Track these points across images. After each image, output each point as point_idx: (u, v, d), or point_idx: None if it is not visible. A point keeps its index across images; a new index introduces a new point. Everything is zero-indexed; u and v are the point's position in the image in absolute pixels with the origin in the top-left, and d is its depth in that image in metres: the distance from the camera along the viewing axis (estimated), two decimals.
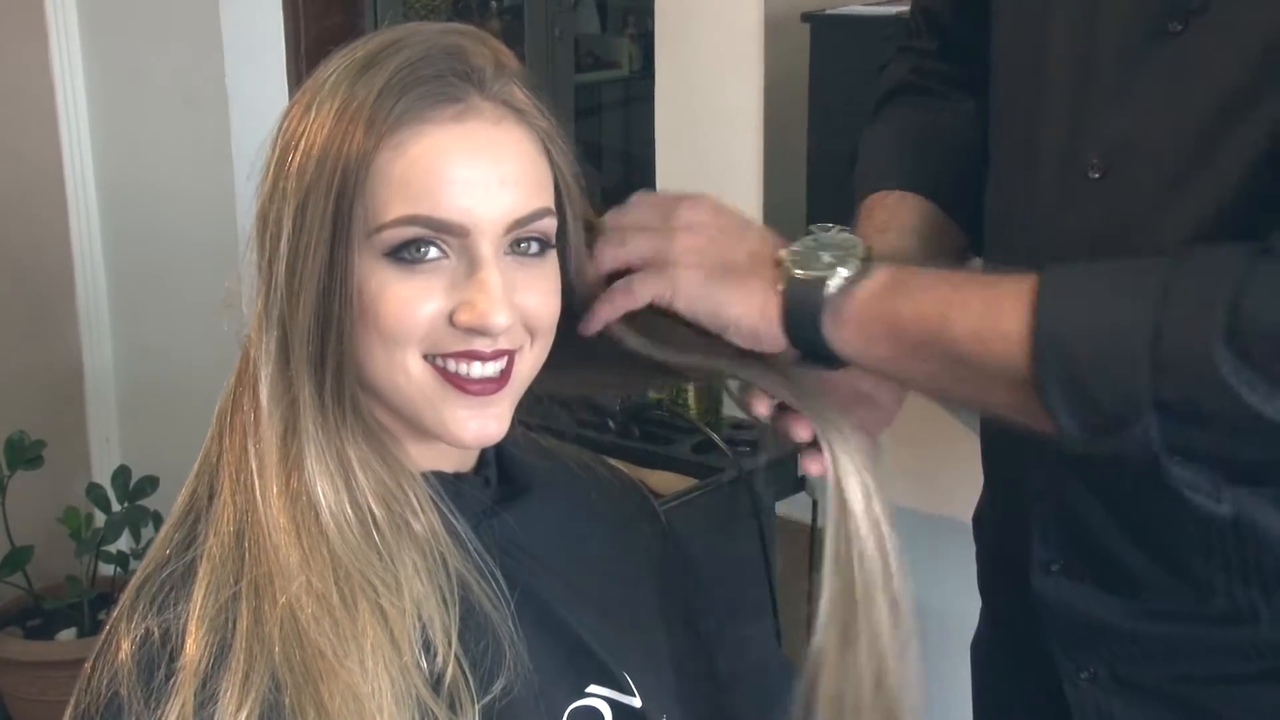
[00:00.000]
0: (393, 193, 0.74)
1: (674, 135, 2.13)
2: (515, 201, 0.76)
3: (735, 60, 2.03)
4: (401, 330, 0.76)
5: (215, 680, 0.72)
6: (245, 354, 0.80)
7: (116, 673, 0.73)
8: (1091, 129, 0.90)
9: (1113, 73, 0.89)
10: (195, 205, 2.48)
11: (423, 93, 0.75)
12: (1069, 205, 0.91)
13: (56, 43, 2.52)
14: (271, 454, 0.76)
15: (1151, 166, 0.87)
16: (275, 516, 0.75)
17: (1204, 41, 0.84)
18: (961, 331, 0.80)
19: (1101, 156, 0.89)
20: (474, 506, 0.83)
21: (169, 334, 2.57)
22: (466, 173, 0.75)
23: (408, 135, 0.75)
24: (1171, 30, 0.85)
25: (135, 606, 0.76)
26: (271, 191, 0.77)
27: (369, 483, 0.77)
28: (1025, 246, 0.95)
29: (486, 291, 0.75)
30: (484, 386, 0.77)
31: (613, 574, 0.91)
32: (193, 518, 0.79)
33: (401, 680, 0.73)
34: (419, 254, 0.75)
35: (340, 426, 0.77)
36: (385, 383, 0.77)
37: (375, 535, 0.76)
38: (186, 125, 2.46)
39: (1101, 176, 0.89)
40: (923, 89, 1.13)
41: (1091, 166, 0.89)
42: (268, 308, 0.77)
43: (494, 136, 0.76)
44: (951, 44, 1.12)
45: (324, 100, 0.76)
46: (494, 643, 0.77)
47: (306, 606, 0.73)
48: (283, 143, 0.77)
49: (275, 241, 0.76)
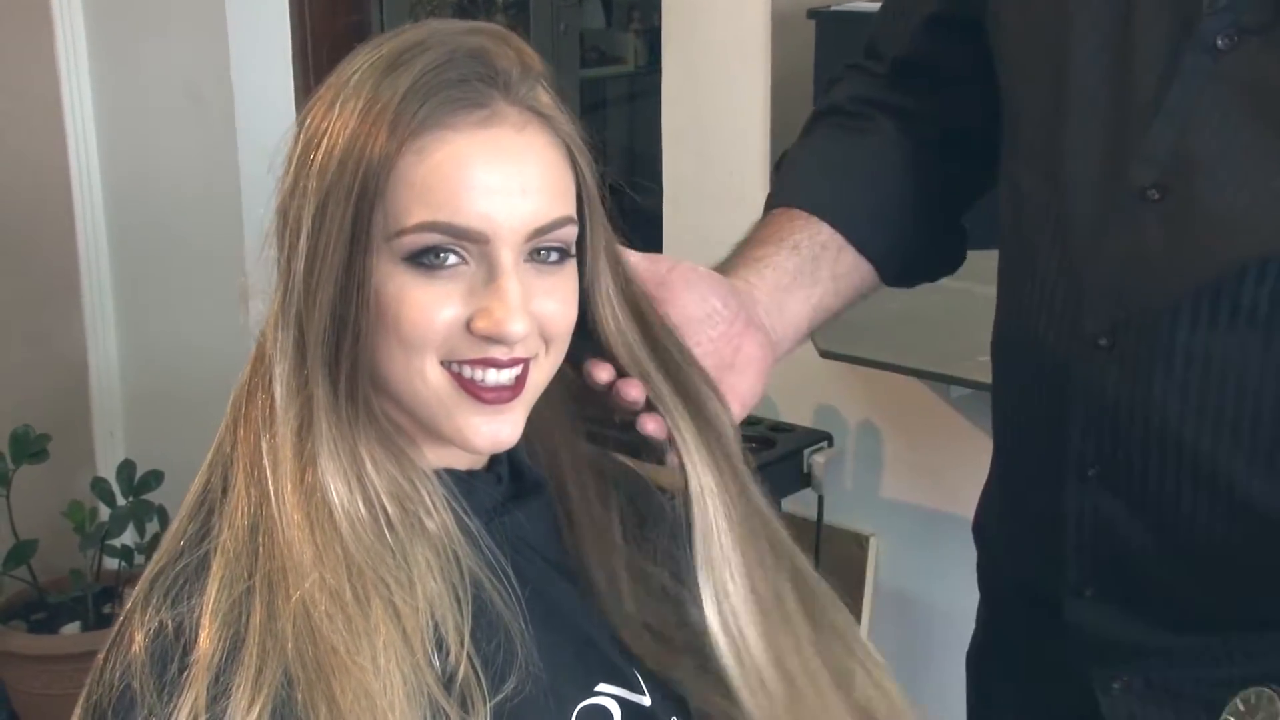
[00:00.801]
0: (414, 198, 0.74)
1: (680, 131, 2.13)
2: (537, 209, 0.76)
3: (741, 56, 2.03)
4: (420, 336, 0.75)
5: (228, 675, 0.72)
6: (260, 347, 0.80)
7: (129, 665, 0.73)
8: (1140, 149, 0.89)
9: (1154, 88, 0.88)
10: (200, 200, 2.48)
11: (447, 97, 0.74)
12: (1122, 227, 0.90)
13: (62, 38, 2.52)
14: (286, 449, 0.76)
15: (1212, 187, 0.86)
16: (289, 512, 0.75)
17: (1258, 57, 0.83)
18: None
19: (1159, 177, 0.88)
20: (486, 504, 0.83)
21: (174, 329, 2.57)
22: (489, 180, 0.75)
23: (430, 140, 0.74)
24: (1221, 46, 0.84)
25: (149, 599, 0.76)
26: (293, 188, 0.76)
27: (382, 481, 0.77)
28: (1059, 264, 0.94)
29: (504, 300, 0.75)
30: (499, 395, 0.77)
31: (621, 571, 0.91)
32: (206, 510, 0.79)
33: (413, 678, 0.73)
34: (438, 260, 0.75)
35: (354, 425, 0.77)
36: (402, 387, 0.77)
37: (388, 533, 0.76)
38: (191, 120, 2.46)
39: (1162, 198, 0.88)
40: (853, 113, 1.14)
41: (1149, 187, 0.88)
42: (285, 305, 0.76)
43: (518, 143, 0.76)
44: (908, 64, 1.12)
45: (348, 98, 0.75)
46: (506, 641, 0.77)
47: (320, 603, 0.73)
48: (305, 138, 0.76)
49: (295, 239, 0.76)
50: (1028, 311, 0.98)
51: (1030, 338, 0.98)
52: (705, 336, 0.95)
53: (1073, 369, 0.94)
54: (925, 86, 1.11)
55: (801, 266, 1.05)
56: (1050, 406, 0.97)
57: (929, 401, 1.98)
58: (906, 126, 1.11)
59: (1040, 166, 0.97)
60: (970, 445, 1.96)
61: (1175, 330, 0.88)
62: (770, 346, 1.00)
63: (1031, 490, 1.03)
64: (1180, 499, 0.91)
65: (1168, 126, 0.88)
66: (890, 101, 1.12)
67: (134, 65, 2.53)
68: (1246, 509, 0.89)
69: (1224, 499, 0.90)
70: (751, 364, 0.97)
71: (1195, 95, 0.87)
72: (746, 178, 2.06)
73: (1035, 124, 0.98)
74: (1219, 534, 0.90)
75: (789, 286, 1.04)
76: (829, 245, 1.07)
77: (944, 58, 1.09)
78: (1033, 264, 0.98)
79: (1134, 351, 0.91)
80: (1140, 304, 0.90)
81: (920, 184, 1.10)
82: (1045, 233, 0.96)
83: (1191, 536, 0.91)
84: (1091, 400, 0.93)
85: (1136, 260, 0.89)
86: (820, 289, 1.06)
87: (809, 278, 1.05)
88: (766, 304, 1.02)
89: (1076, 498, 0.96)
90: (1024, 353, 1.00)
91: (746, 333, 0.98)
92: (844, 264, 1.07)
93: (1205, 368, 0.88)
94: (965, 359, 1.74)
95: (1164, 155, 0.88)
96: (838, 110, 1.15)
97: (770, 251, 1.05)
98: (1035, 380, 0.99)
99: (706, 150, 2.11)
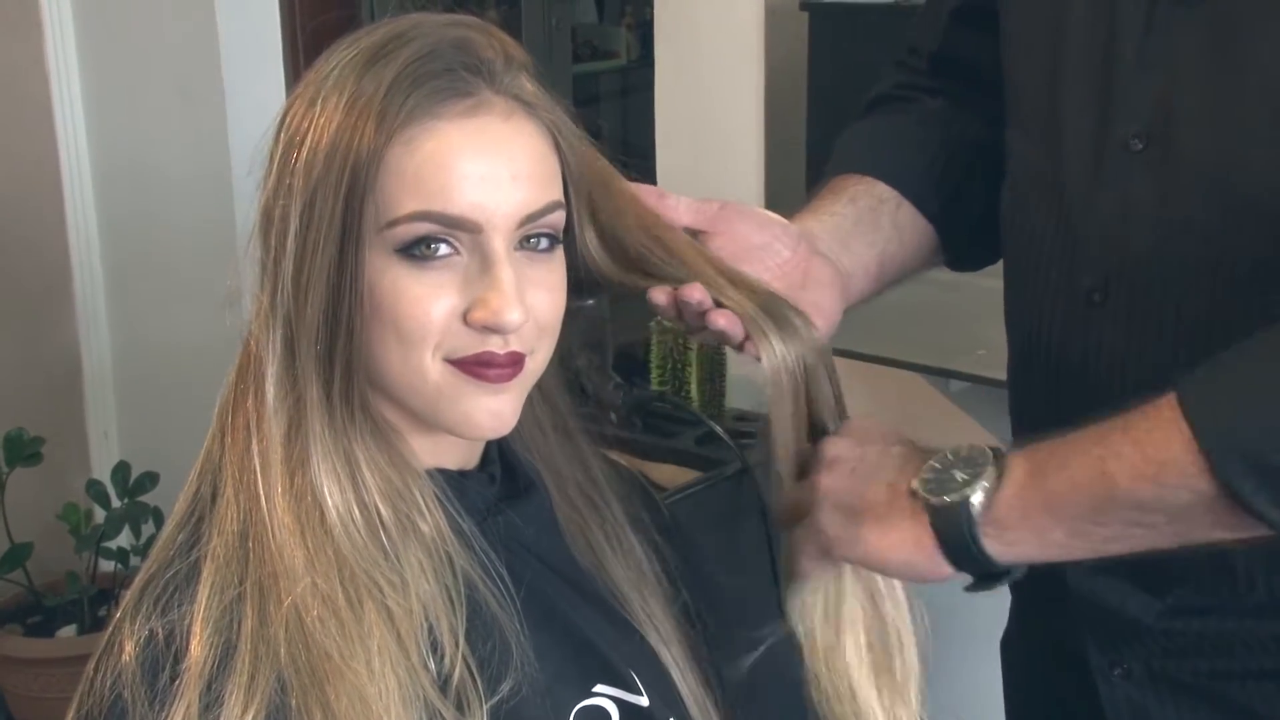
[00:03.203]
0: (404, 189, 0.74)
1: (674, 125, 2.13)
2: (527, 196, 0.76)
3: (735, 50, 2.03)
4: (418, 330, 0.75)
5: (220, 682, 0.71)
6: (246, 349, 0.79)
7: (120, 674, 0.72)
8: (1125, 101, 0.90)
9: (1137, 42, 0.89)
10: (192, 198, 2.47)
11: (433, 88, 0.74)
12: (1111, 179, 0.91)
13: (51, 35, 2.51)
14: (275, 452, 0.75)
15: (1195, 136, 0.86)
16: (280, 516, 0.74)
17: (1232, 4, 0.84)
18: (1127, 480, 0.76)
19: (1142, 128, 0.88)
20: (479, 504, 0.83)
21: (167, 328, 2.56)
22: (479, 168, 0.74)
23: (419, 131, 0.74)
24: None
25: (139, 608, 0.75)
26: (276, 188, 0.76)
27: (375, 482, 0.77)
28: (1056, 223, 0.95)
29: (500, 289, 0.74)
30: (500, 373, 0.77)
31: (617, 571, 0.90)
32: (196, 518, 0.78)
33: (409, 681, 0.73)
34: (430, 250, 0.75)
35: (348, 425, 0.77)
36: (400, 382, 0.77)
37: (381, 535, 0.76)
38: (182, 117, 2.45)
39: (1145, 147, 0.88)
40: (900, 98, 1.14)
41: (1132, 137, 0.89)
42: (273, 305, 0.76)
43: (505, 131, 0.76)
44: (942, 59, 1.13)
45: (329, 94, 0.75)
46: (501, 643, 0.77)
47: (312, 608, 0.72)
48: (286, 138, 0.76)
49: (281, 238, 0.75)
50: (1027, 274, 0.98)
51: (1029, 298, 0.98)
52: (772, 262, 0.93)
53: (1068, 328, 0.94)
54: (963, 76, 1.11)
55: (860, 215, 1.04)
56: (1048, 370, 0.97)
57: (928, 395, 1.97)
58: (952, 104, 1.12)
59: (1036, 130, 0.97)
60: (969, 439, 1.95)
61: (1166, 283, 0.88)
62: (840, 275, 0.98)
63: None
64: None
65: (1148, 77, 0.88)
66: (934, 86, 1.13)
67: (124, 61, 2.52)
68: None
69: None
70: (824, 285, 0.95)
71: (1173, 46, 0.87)
72: (741, 172, 2.06)
73: (1033, 90, 0.99)
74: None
75: (850, 230, 1.02)
76: (886, 199, 1.06)
77: (974, 47, 1.09)
78: (1030, 226, 0.98)
79: (1125, 305, 0.91)
80: (1131, 255, 0.90)
81: (969, 152, 1.10)
82: (1041, 194, 0.96)
83: None
84: (1087, 358, 0.93)
85: (1126, 211, 0.90)
86: (883, 236, 1.04)
87: (869, 225, 1.04)
88: (828, 241, 1.00)
89: None
90: (1024, 316, 1.00)
91: (812, 259, 0.96)
92: (904, 216, 1.06)
93: (1194, 321, 0.88)
94: (964, 353, 1.73)
95: (1145, 106, 0.89)
96: (884, 98, 1.15)
97: (827, 204, 1.04)
98: (1035, 342, 0.98)
99: (700, 145, 2.10)
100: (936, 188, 1.08)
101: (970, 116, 1.11)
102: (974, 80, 1.10)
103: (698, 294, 0.85)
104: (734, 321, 0.85)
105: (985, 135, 1.10)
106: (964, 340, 1.74)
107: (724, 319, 0.85)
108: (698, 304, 0.85)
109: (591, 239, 0.84)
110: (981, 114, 1.10)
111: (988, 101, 1.09)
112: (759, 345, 0.84)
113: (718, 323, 0.85)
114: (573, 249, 0.83)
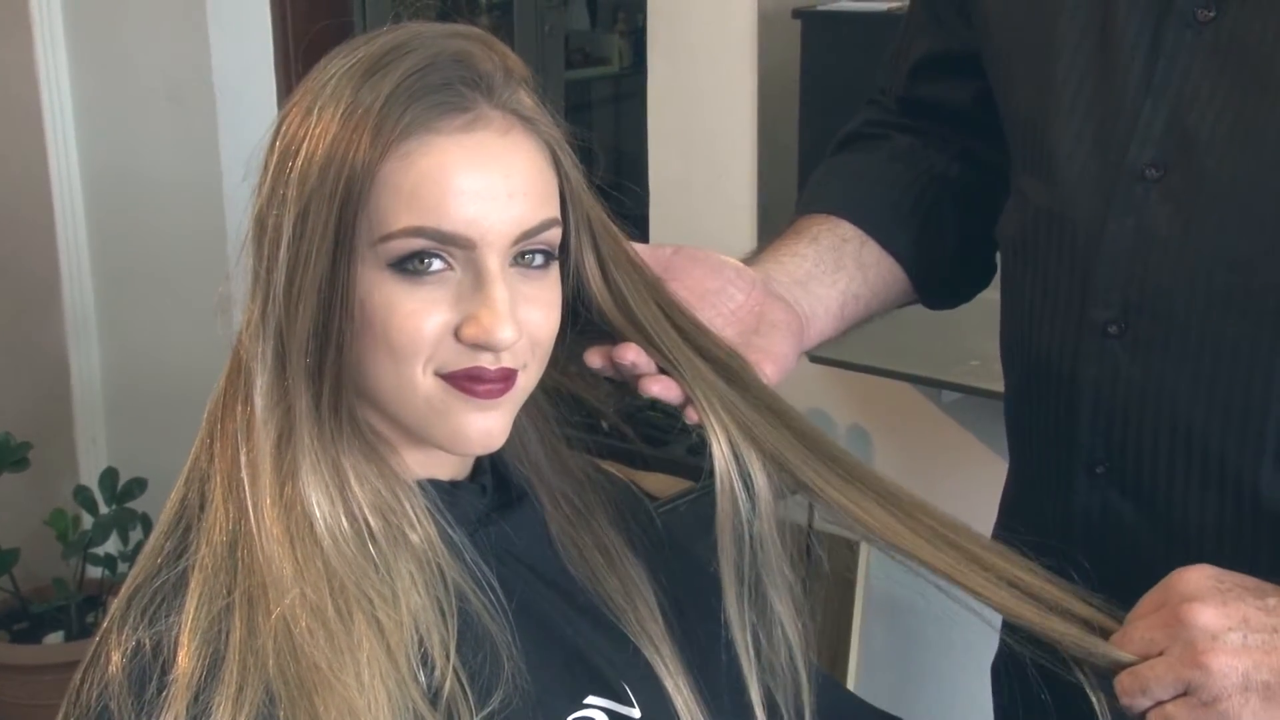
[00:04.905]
0: (399, 203, 0.73)
1: (666, 132, 2.13)
2: (523, 213, 0.75)
3: (727, 57, 2.03)
4: (410, 345, 0.74)
5: (208, 693, 0.70)
6: (235, 358, 0.79)
7: (107, 685, 0.72)
8: (1134, 129, 0.89)
9: (1142, 68, 0.88)
10: (182, 204, 2.47)
11: (431, 102, 0.73)
12: (1124, 209, 0.90)
13: (41, 39, 2.50)
14: (265, 463, 0.75)
15: (1219, 161, 0.86)
16: (269, 527, 0.74)
17: (1240, 24, 0.84)
18: None
19: (1157, 155, 0.88)
20: (470, 515, 0.82)
21: (156, 335, 2.56)
22: (474, 184, 0.74)
23: (415, 145, 0.73)
24: (1201, 18, 0.85)
25: (126, 618, 0.74)
26: (270, 197, 0.75)
27: (365, 494, 0.76)
28: (1061, 255, 0.94)
29: (493, 307, 0.74)
30: (490, 389, 0.76)
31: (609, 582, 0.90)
32: (183, 526, 0.77)
33: (398, 693, 0.72)
34: (423, 266, 0.74)
35: (337, 437, 0.76)
36: (391, 396, 0.76)
37: (371, 547, 0.75)
38: (173, 123, 2.45)
39: (1163, 175, 0.88)
40: (870, 135, 1.14)
41: (1148, 166, 0.88)
42: (264, 315, 0.75)
43: (502, 147, 0.75)
44: (909, 101, 1.13)
45: (326, 104, 0.74)
46: (492, 654, 0.76)
47: (301, 619, 0.72)
48: (281, 147, 0.75)
49: (274, 249, 0.74)
50: (1033, 310, 0.98)
51: (1036, 336, 0.98)
52: (725, 308, 0.93)
53: (1081, 361, 0.94)
54: (932, 116, 1.12)
55: (821, 255, 1.04)
56: (1058, 403, 0.96)
57: (920, 406, 1.97)
58: (920, 141, 1.12)
59: (1035, 164, 0.97)
60: (961, 450, 1.95)
61: (1190, 313, 0.88)
62: (797, 317, 0.98)
63: (1042, 493, 1.02)
64: (1188, 495, 0.90)
65: (1160, 104, 0.88)
66: (904, 123, 1.13)
67: (114, 67, 2.51)
68: (1255, 506, 0.88)
69: (1232, 494, 0.89)
70: (778, 329, 0.95)
71: (1183, 69, 0.87)
72: (733, 179, 2.06)
73: (1028, 125, 0.98)
74: (1228, 531, 0.89)
75: (810, 271, 1.02)
76: (850, 238, 1.06)
77: (943, 90, 1.10)
78: (1033, 259, 0.97)
79: (1146, 336, 0.90)
80: (1153, 285, 0.89)
81: (939, 187, 1.10)
82: (1046, 229, 0.96)
83: (1200, 535, 0.91)
84: (1100, 392, 0.93)
85: (1144, 241, 0.89)
86: (845, 275, 1.04)
87: (831, 264, 1.04)
88: (787, 283, 1.00)
89: (1085, 496, 0.95)
90: (1030, 352, 0.99)
91: (768, 300, 0.96)
92: (869, 255, 1.06)
93: (1217, 351, 0.87)
94: (956, 364, 1.74)
95: (1159, 132, 0.88)
96: (854, 135, 1.16)
97: (789, 244, 1.04)
98: (1042, 378, 0.98)
99: (693, 151, 2.10)
100: (904, 224, 1.08)
101: (940, 153, 1.11)
102: (944, 119, 1.11)
103: (630, 355, 0.84)
104: (670, 388, 0.84)
105: (956, 171, 1.10)
106: (956, 351, 1.75)
107: (658, 386, 0.84)
108: (630, 365, 0.84)
109: (591, 264, 0.83)
110: (953, 150, 1.11)
111: (959, 138, 1.10)
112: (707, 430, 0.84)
113: (650, 390, 0.84)
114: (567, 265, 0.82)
